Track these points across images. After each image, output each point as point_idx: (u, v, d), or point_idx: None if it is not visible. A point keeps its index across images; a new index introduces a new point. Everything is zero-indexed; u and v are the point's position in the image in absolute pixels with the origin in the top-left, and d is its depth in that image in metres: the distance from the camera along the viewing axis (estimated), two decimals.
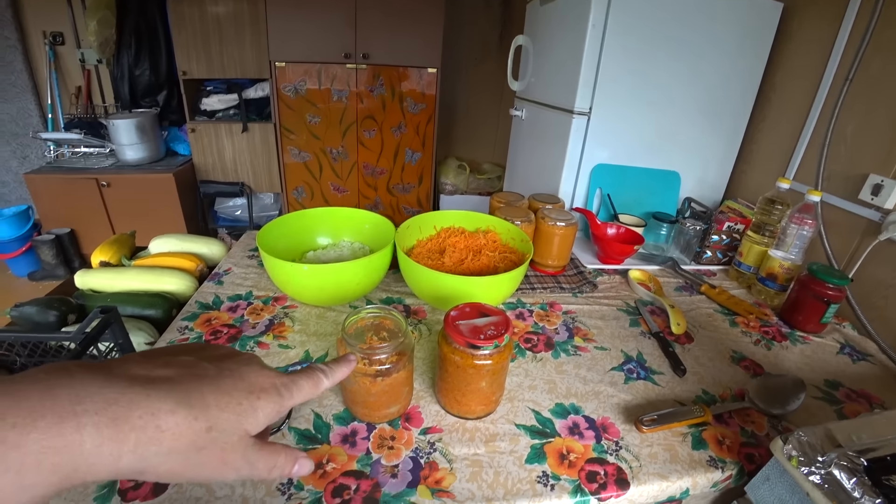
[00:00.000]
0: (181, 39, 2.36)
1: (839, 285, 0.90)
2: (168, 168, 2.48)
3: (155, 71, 2.56)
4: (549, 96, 1.41)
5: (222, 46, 2.40)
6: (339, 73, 2.38)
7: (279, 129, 2.47)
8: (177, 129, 2.70)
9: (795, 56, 1.29)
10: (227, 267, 1.04)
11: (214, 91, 2.56)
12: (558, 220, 0.99)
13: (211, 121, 2.57)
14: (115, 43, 2.48)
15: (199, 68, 2.43)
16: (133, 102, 2.61)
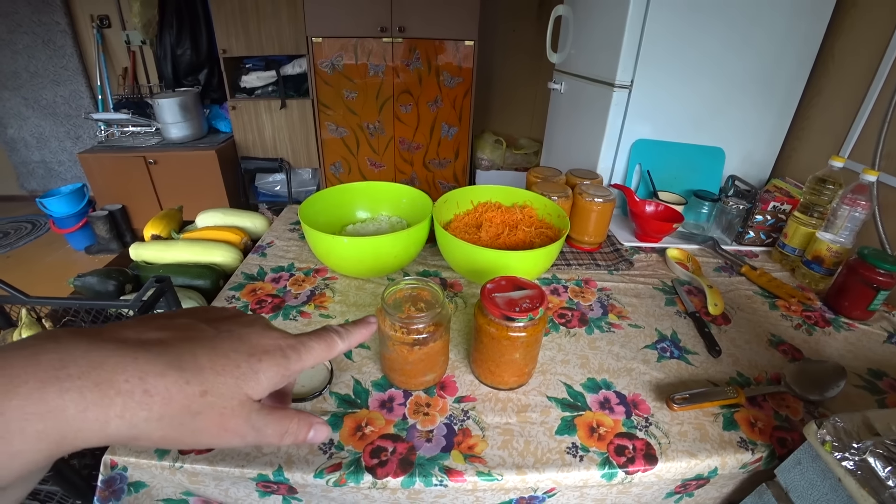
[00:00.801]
0: (220, 17, 2.40)
1: (891, 271, 0.86)
2: (210, 145, 2.56)
3: (196, 50, 2.62)
4: (590, 69, 1.38)
5: (260, 23, 2.43)
6: (375, 48, 2.38)
7: (317, 104, 2.51)
8: (218, 107, 2.77)
9: (859, 23, 1.20)
10: (269, 240, 1.08)
11: (253, 68, 2.61)
12: (596, 196, 0.98)
13: (250, 98, 2.62)
14: (158, 23, 2.55)
15: (238, 46, 2.48)
16: (176, 81, 2.69)
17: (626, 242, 1.12)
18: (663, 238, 1.14)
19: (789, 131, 1.37)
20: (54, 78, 2.94)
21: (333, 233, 0.97)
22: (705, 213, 1.24)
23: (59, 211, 2.60)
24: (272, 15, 2.41)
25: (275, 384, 0.28)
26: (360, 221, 1.03)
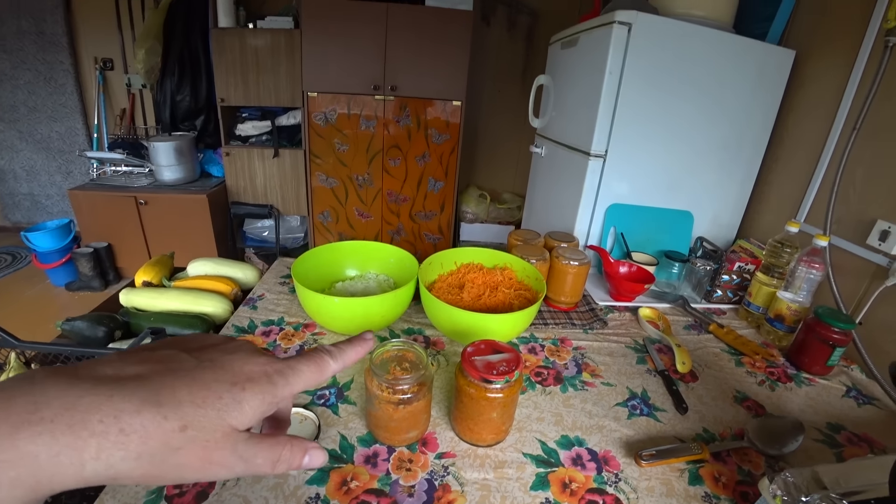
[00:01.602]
0: (221, 68, 2.51)
1: (845, 329, 0.92)
2: (202, 189, 2.61)
3: (195, 97, 2.73)
4: (568, 137, 1.48)
5: (259, 76, 2.55)
6: (367, 104, 2.51)
7: (308, 155, 2.60)
8: (212, 152, 2.85)
9: (807, 101, 1.34)
10: (260, 292, 1.12)
11: (249, 118, 2.71)
12: (572, 259, 1.05)
13: (244, 145, 2.71)
14: (160, 70, 2.66)
15: (236, 96, 2.58)
16: (173, 125, 2.78)
17: (602, 301, 1.18)
18: (636, 297, 1.21)
19: (752, 196, 1.48)
20: (52, 114, 3.01)
21: (323, 289, 1.02)
22: (676, 273, 1.31)
23: (43, 245, 2.60)
24: (272, 69, 2.54)
25: (262, 412, 0.28)
26: (349, 279, 1.08)
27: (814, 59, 1.32)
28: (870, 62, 1.14)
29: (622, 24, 1.18)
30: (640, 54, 1.20)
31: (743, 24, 1.43)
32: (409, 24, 2.37)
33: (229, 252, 2.81)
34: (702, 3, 1.31)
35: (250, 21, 2.50)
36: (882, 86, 1.09)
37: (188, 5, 2.62)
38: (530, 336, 1.01)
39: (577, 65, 1.42)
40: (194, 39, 2.65)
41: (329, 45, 2.37)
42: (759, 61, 1.31)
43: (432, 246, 2.89)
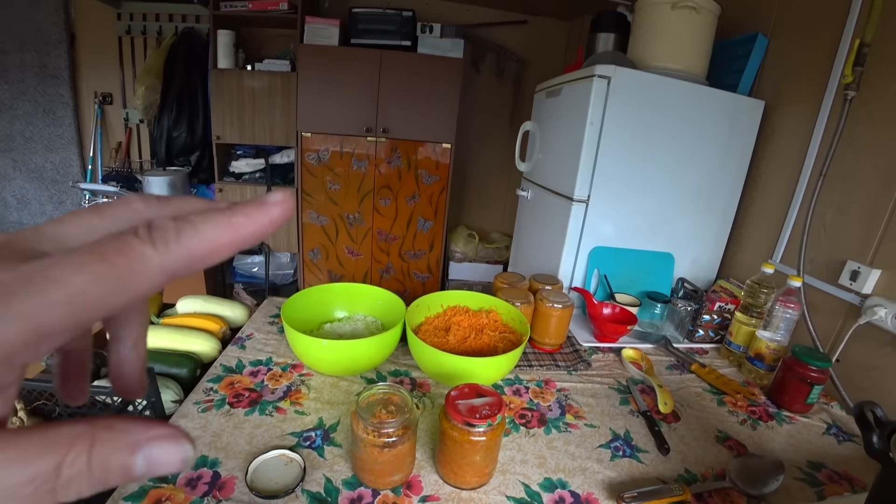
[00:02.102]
0: (218, 107, 2.57)
1: (821, 367, 0.96)
2: None
3: (191, 133, 2.77)
4: (552, 182, 1.54)
5: (255, 116, 2.61)
6: (359, 145, 2.57)
7: (300, 193, 2.64)
8: (205, 188, 2.88)
9: (777, 148, 1.42)
10: (249, 332, 1.13)
11: (244, 155, 2.76)
12: (555, 301, 1.08)
13: (238, 182, 2.75)
14: (159, 106, 2.71)
15: (231, 134, 2.64)
16: (168, 160, 2.81)
17: (586, 343, 1.21)
18: (620, 338, 1.24)
19: (730, 237, 1.54)
20: (48, 145, 3.03)
21: (311, 330, 1.04)
22: (658, 314, 1.35)
23: None
24: (267, 109, 2.60)
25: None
26: (337, 320, 1.10)
27: (781, 110, 1.41)
28: (832, 114, 1.23)
29: (602, 77, 1.25)
30: (620, 106, 1.27)
31: (715, 76, 1.51)
32: (401, 69, 2.46)
33: (218, 287, 2.81)
34: (677, 57, 1.39)
35: (248, 63, 2.58)
36: (844, 135, 1.17)
37: (189, 46, 2.70)
38: (515, 378, 1.03)
39: (560, 114, 1.49)
40: (193, 79, 2.72)
41: (324, 88, 2.45)
42: (731, 111, 1.39)
43: (421, 285, 2.91)
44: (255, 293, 2.88)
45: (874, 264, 1.09)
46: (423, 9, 2.84)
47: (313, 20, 2.42)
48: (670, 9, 1.36)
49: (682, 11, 1.35)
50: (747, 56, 1.47)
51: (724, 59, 1.55)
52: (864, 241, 1.12)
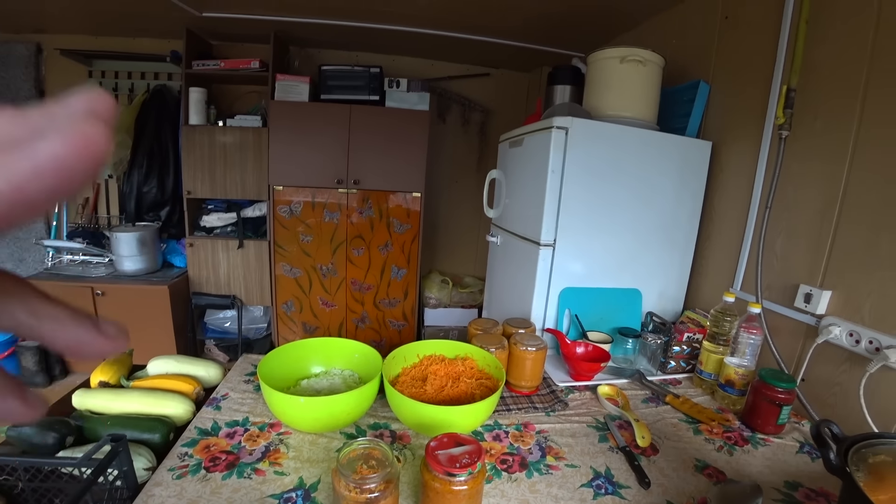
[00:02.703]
0: (190, 163, 2.59)
1: (788, 388, 1.01)
2: (163, 280, 2.58)
3: (161, 189, 2.77)
4: (519, 227, 1.60)
5: (226, 170, 2.64)
6: (331, 196, 2.61)
7: (273, 246, 2.64)
8: (175, 242, 2.85)
9: (727, 184, 1.52)
10: (224, 392, 1.11)
11: (215, 209, 2.76)
12: (529, 345, 1.11)
13: (209, 236, 2.73)
14: (129, 162, 2.71)
15: (203, 189, 2.65)
16: (137, 216, 2.79)
17: (562, 383, 1.23)
18: (595, 375, 1.26)
19: (692, 269, 1.62)
20: None
21: (288, 387, 1.04)
22: (630, 348, 1.39)
23: None
24: (239, 164, 2.63)
25: None
26: (314, 376, 1.09)
27: (727, 149, 1.52)
28: (771, 151, 1.34)
29: (560, 128, 1.33)
30: (578, 153, 1.35)
31: (665, 121, 1.64)
32: (370, 123, 2.54)
33: (189, 345, 2.73)
34: (628, 106, 1.50)
35: (220, 119, 2.62)
36: (783, 170, 1.28)
37: (161, 103, 2.73)
38: (494, 423, 1.03)
39: (524, 162, 1.57)
40: (164, 134, 2.74)
41: (295, 142, 2.51)
42: (682, 152, 1.49)
43: (397, 333, 2.90)
44: (228, 349, 2.81)
45: (824, 286, 1.17)
46: (389, 65, 2.98)
47: (284, 77, 2.50)
48: (619, 62, 1.48)
49: (631, 64, 1.47)
50: (692, 101, 1.60)
51: (672, 104, 1.67)
52: (813, 265, 1.20)
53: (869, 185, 1.09)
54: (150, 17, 2.40)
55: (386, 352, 1.06)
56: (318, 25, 2.43)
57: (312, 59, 2.90)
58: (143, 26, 2.58)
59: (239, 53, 2.74)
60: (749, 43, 1.46)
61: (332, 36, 2.65)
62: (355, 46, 2.90)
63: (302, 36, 2.68)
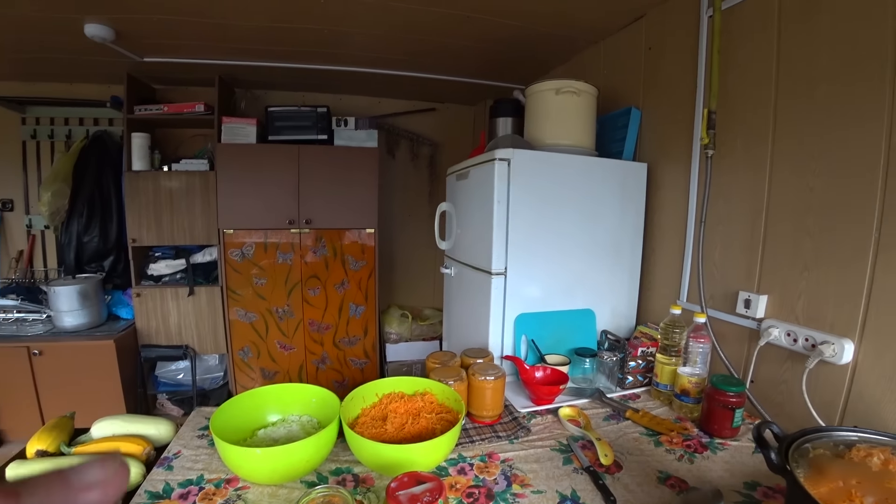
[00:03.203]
0: (134, 210, 2.49)
1: (738, 392, 1.06)
2: (108, 334, 2.44)
3: (104, 238, 2.64)
4: (471, 257, 1.62)
5: (173, 216, 2.55)
6: (283, 237, 2.58)
7: (225, 291, 2.57)
8: (121, 293, 2.71)
9: (664, 202, 1.62)
10: (176, 450, 1.06)
11: (163, 257, 2.65)
12: (487, 374, 1.12)
13: (157, 285, 2.62)
14: (67, 211, 2.58)
15: (149, 236, 2.55)
16: (78, 267, 2.64)
17: (523, 409, 1.24)
18: (556, 398, 1.28)
19: (641, 285, 1.69)
20: None
21: (244, 438, 1.00)
22: (588, 368, 1.42)
23: None
24: (186, 209, 2.55)
25: None
26: (271, 424, 1.06)
27: (661, 169, 1.62)
28: (700, 169, 1.44)
29: (502, 160, 1.38)
30: (522, 183, 1.40)
31: (603, 146, 1.73)
32: (320, 162, 2.55)
33: (139, 401, 2.58)
34: (566, 135, 1.58)
35: (165, 164, 2.56)
36: (712, 186, 1.38)
37: (101, 149, 2.63)
38: (458, 456, 1.03)
39: (471, 194, 1.61)
40: (106, 182, 2.63)
41: (244, 185, 2.48)
42: (620, 175, 1.57)
43: (359, 371, 2.85)
44: (183, 402, 2.68)
45: (760, 291, 1.25)
46: (336, 104, 3.01)
47: (230, 120, 2.48)
48: (555, 94, 1.56)
49: (566, 95, 1.55)
50: (626, 127, 1.70)
51: (608, 130, 1.77)
52: (749, 272, 1.29)
53: (789, 194, 1.19)
54: (89, 64, 2.35)
55: (349, 391, 1.04)
56: (263, 68, 2.44)
57: (259, 101, 2.90)
58: (82, 72, 2.52)
59: (183, 97, 2.70)
60: (672, 71, 1.58)
61: (278, 77, 2.67)
62: (302, 87, 2.92)
63: (247, 78, 2.68)
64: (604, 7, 1.68)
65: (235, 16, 1.81)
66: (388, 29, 1.95)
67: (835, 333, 1.07)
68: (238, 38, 2.05)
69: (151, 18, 1.80)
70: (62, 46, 2.09)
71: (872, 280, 1.01)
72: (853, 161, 1.04)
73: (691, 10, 1.47)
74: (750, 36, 1.28)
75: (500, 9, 1.73)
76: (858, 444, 0.72)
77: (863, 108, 1.02)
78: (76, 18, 1.78)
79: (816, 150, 1.12)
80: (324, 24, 1.90)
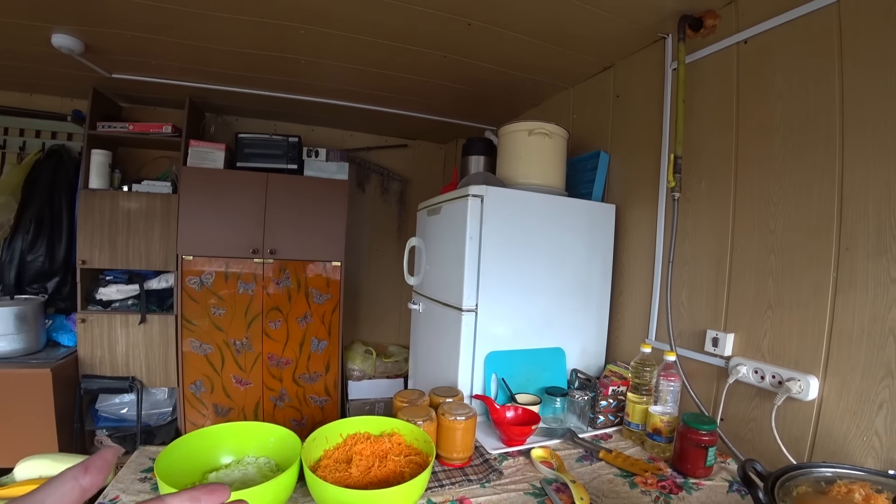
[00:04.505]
0: (86, 230, 2.36)
1: (710, 430, 1.05)
2: (45, 362, 2.24)
3: (50, 257, 2.48)
4: (441, 293, 1.60)
5: (129, 239, 2.43)
6: (246, 267, 2.49)
7: (180, 320, 2.43)
8: (63, 318, 2.52)
9: (632, 243, 1.65)
10: (113, 495, 0.95)
11: (114, 281, 2.50)
12: (458, 414, 1.08)
13: (105, 311, 2.46)
14: (12, 227, 2.41)
15: (101, 258, 2.41)
16: (18, 288, 2.45)
17: (494, 450, 1.20)
18: (527, 438, 1.24)
19: (610, 324, 1.70)
20: None
21: (193, 482, 0.91)
22: (559, 407, 1.39)
23: None
24: (144, 232, 2.44)
25: None
26: (224, 467, 0.97)
27: (629, 211, 1.66)
28: (667, 211, 1.49)
29: (475, 196, 1.39)
30: (494, 219, 1.41)
31: (573, 186, 1.77)
32: (288, 191, 2.50)
33: (75, 439, 2.37)
34: (538, 174, 1.60)
35: (126, 184, 2.45)
36: (679, 227, 1.42)
37: (56, 164, 2.50)
38: (427, 502, 0.97)
39: (442, 230, 1.61)
40: (58, 198, 2.48)
41: (207, 210, 2.39)
42: (589, 215, 1.60)
43: (319, 409, 2.72)
44: (125, 439, 2.48)
45: (727, 329, 1.28)
46: (308, 135, 3.00)
47: (198, 144, 2.42)
48: (528, 135, 1.59)
49: (538, 136, 1.59)
50: (595, 169, 1.74)
51: (578, 172, 1.81)
52: (715, 311, 1.32)
53: (751, 236, 1.24)
54: (53, 75, 2.26)
55: (308, 430, 0.97)
56: (235, 94, 2.41)
57: (229, 127, 2.85)
58: (44, 83, 2.42)
59: (151, 117, 2.64)
60: (639, 118, 1.65)
61: (251, 104, 2.64)
62: (274, 116, 2.90)
63: (218, 103, 2.65)
64: (574, 56, 1.76)
65: (212, 39, 1.79)
66: (365, 63, 1.97)
67: (800, 370, 1.09)
68: (213, 61, 2.02)
69: (125, 34, 1.76)
70: (26, 55, 2.01)
71: (833, 318, 1.05)
72: (809, 205, 1.10)
73: (657, 62, 1.55)
74: (712, 87, 1.36)
75: (475, 52, 1.78)
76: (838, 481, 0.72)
77: (815, 156, 1.09)
78: (44, 27, 1.71)
79: (775, 195, 1.17)
80: (301, 54, 1.90)
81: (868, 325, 0.98)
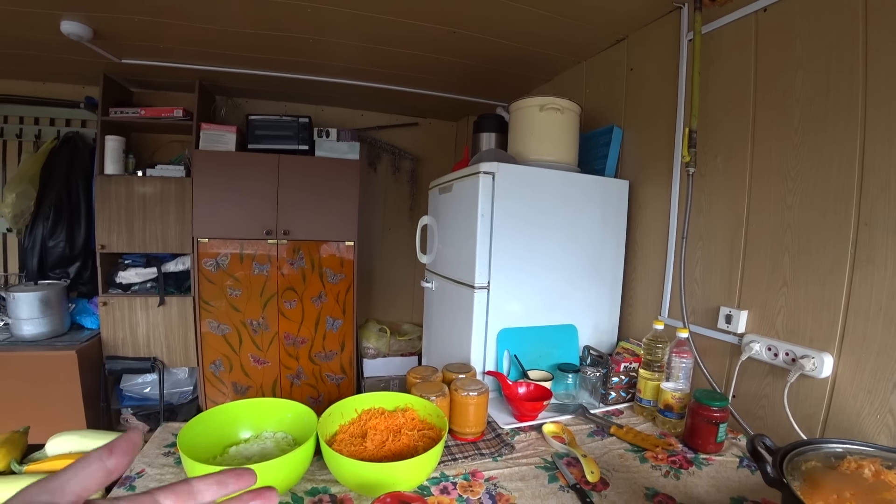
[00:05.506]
0: (104, 215, 2.40)
1: (721, 406, 1.05)
2: (71, 344, 2.32)
3: (70, 243, 2.53)
4: (453, 271, 1.61)
5: (146, 223, 2.47)
6: (260, 248, 2.52)
7: (198, 302, 2.48)
8: (86, 302, 2.59)
9: (646, 219, 1.63)
10: (139, 468, 0.99)
11: (133, 264, 2.55)
12: (470, 390, 1.09)
13: (126, 294, 2.52)
14: (32, 214, 2.46)
15: (119, 243, 2.45)
16: (41, 273, 2.52)
17: (506, 425, 1.21)
18: (539, 414, 1.26)
19: (623, 301, 1.69)
20: None
21: (214, 456, 0.95)
22: (571, 384, 1.40)
23: None
24: (160, 216, 2.47)
25: None
26: (243, 441, 1.00)
27: (643, 186, 1.64)
28: (681, 187, 1.46)
29: (487, 173, 1.38)
30: (506, 196, 1.40)
31: (585, 163, 1.74)
32: (300, 172, 2.51)
33: (101, 417, 2.46)
34: (549, 150, 1.58)
35: (140, 169, 2.48)
36: (693, 203, 1.40)
37: (72, 151, 2.53)
38: (441, 475, 0.99)
39: (454, 208, 1.60)
40: (75, 185, 2.53)
41: (221, 193, 2.42)
42: (602, 192, 1.58)
43: (336, 387, 2.77)
44: (149, 417, 2.56)
45: (741, 306, 1.27)
46: (318, 115, 2.99)
47: (209, 127, 2.43)
48: (539, 110, 1.57)
49: (550, 112, 1.56)
50: (608, 145, 1.71)
51: (591, 147, 1.78)
52: (729, 288, 1.30)
53: (766, 212, 1.21)
54: (64, 63, 2.27)
55: (325, 407, 0.99)
56: (244, 75, 2.40)
57: (239, 109, 2.85)
58: (56, 71, 2.44)
59: (162, 101, 2.64)
60: (653, 91, 1.61)
61: (260, 86, 2.63)
62: (284, 97, 2.89)
63: (228, 85, 2.64)
64: (587, 29, 1.72)
65: (219, 21, 1.78)
66: (374, 41, 1.94)
67: (814, 348, 1.08)
68: (222, 43, 2.01)
69: (132, 19, 1.76)
70: (37, 44, 2.02)
71: (850, 295, 1.03)
72: (829, 180, 1.07)
73: (672, 33, 1.51)
74: (729, 58, 1.32)
75: (486, 26, 1.75)
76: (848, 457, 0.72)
77: (836, 129, 1.06)
78: (53, 14, 1.72)
79: (793, 169, 1.14)
80: (309, 33, 1.88)
81: (886, 302, 0.97)
